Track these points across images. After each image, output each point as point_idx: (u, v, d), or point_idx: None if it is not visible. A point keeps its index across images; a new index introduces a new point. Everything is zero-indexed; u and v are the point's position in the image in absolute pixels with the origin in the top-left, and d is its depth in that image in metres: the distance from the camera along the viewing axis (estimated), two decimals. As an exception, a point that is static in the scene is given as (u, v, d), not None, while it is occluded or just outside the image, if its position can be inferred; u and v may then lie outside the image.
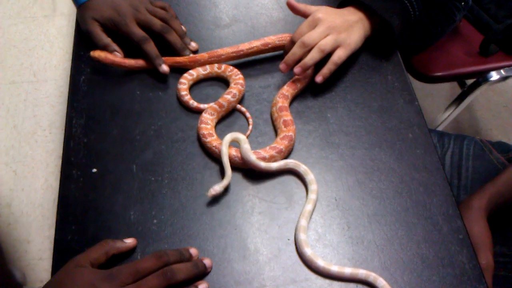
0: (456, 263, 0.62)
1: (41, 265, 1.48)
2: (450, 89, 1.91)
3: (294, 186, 0.69)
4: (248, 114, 0.77)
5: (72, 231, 0.64)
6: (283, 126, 0.72)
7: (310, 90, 0.79)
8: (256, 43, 0.81)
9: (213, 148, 0.70)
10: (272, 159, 0.69)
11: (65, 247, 0.63)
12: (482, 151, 0.98)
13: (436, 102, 1.88)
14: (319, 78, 0.76)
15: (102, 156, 0.71)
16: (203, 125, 0.72)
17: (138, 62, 0.80)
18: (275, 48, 0.83)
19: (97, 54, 0.78)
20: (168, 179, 0.69)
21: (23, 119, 1.79)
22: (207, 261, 0.61)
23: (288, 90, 0.77)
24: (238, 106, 0.77)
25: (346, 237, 0.64)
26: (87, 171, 0.70)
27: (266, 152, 0.69)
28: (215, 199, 0.67)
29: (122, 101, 0.78)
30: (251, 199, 0.68)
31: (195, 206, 0.67)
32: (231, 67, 0.80)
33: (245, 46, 0.81)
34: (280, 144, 0.70)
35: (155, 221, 0.65)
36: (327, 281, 0.61)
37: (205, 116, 0.73)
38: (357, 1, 0.80)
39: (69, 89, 0.79)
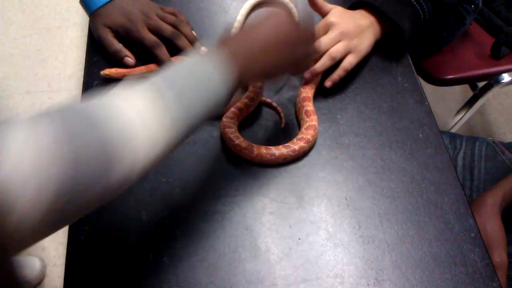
0: (468, 262, 0.62)
1: (55, 271, 1.49)
2: (461, 92, 1.90)
3: (305, 186, 0.69)
4: (274, 104, 0.77)
5: (86, 232, 0.65)
6: (305, 116, 0.73)
7: (320, 91, 0.80)
8: None
9: (244, 150, 0.70)
10: (301, 150, 0.70)
11: (79, 248, 0.64)
12: (494, 152, 0.97)
13: (448, 105, 1.87)
14: (328, 83, 0.77)
15: (115, 159, 0.72)
16: (227, 129, 0.71)
17: (148, 67, 0.81)
18: None
19: (107, 71, 0.79)
20: (179, 181, 0.69)
21: (37, 128, 1.81)
22: None
23: (312, 79, 0.78)
24: (263, 98, 0.78)
25: (357, 236, 0.64)
26: (100, 174, 0.70)
27: (295, 144, 0.70)
28: (226, 200, 0.68)
29: (134, 105, 0.79)
30: (262, 199, 0.68)
31: (206, 206, 0.67)
32: None
33: None
34: (306, 134, 0.71)
35: (166, 221, 0.66)
36: (338, 280, 0.61)
37: (226, 120, 0.73)
38: (369, 4, 0.81)
39: (82, 94, 0.80)
